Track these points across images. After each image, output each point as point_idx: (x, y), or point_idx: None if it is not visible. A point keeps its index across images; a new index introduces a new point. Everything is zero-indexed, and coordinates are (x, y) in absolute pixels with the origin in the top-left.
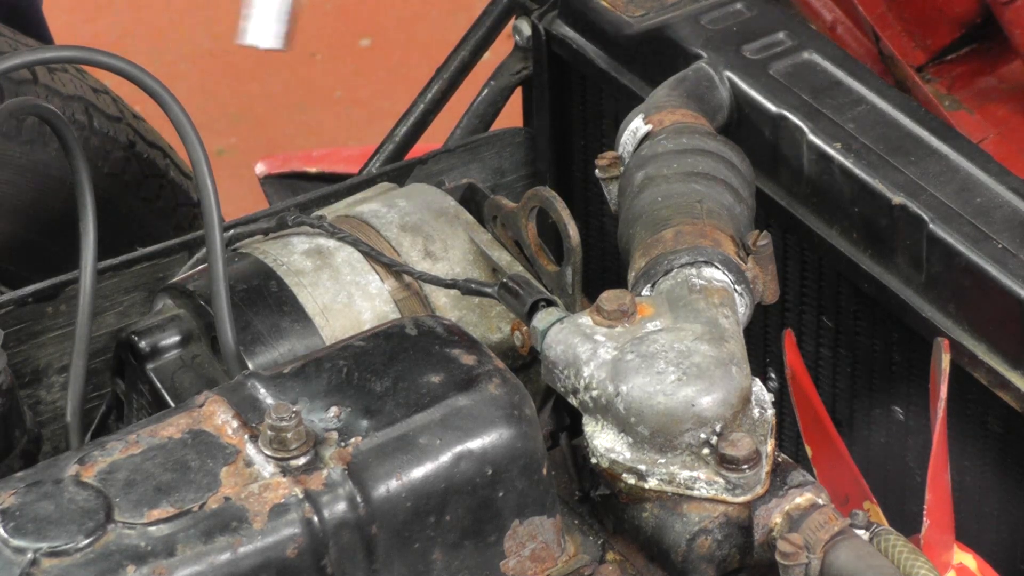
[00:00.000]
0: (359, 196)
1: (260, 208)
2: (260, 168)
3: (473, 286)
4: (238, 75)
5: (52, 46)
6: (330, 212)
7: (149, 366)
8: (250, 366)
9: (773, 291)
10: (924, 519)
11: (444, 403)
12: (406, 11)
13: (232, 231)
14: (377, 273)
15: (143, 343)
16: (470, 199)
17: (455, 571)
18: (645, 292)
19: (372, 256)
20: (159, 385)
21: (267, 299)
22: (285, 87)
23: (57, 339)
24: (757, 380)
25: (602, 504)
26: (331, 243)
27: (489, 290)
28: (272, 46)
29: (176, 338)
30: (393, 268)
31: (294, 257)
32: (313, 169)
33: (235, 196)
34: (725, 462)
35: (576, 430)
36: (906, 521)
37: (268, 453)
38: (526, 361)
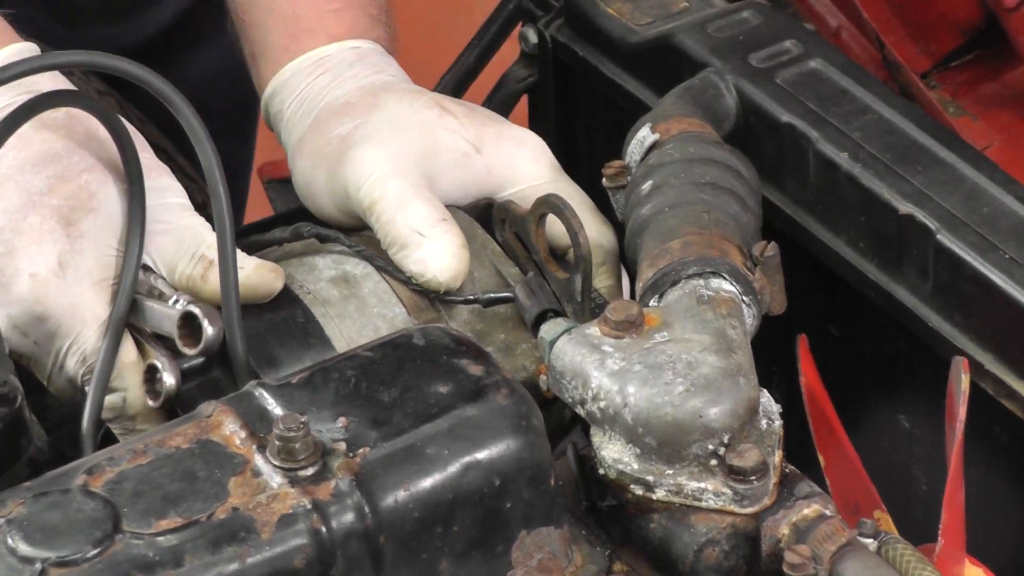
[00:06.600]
0: None
1: (263, 211)
2: (264, 171)
3: (492, 296)
4: None
5: (59, 52)
6: None
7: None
8: None
9: (780, 301)
10: (939, 539)
11: (452, 413)
12: (406, 13)
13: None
14: (404, 306)
15: None
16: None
17: None
18: (653, 303)
19: (388, 272)
20: None
21: (293, 330)
22: None
23: None
24: (765, 391)
25: (609, 515)
26: (357, 271)
27: (507, 293)
28: None
29: None
30: (410, 287)
31: (320, 284)
32: None
33: None
34: (733, 473)
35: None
36: (910, 528)
37: (276, 463)
38: (549, 402)
